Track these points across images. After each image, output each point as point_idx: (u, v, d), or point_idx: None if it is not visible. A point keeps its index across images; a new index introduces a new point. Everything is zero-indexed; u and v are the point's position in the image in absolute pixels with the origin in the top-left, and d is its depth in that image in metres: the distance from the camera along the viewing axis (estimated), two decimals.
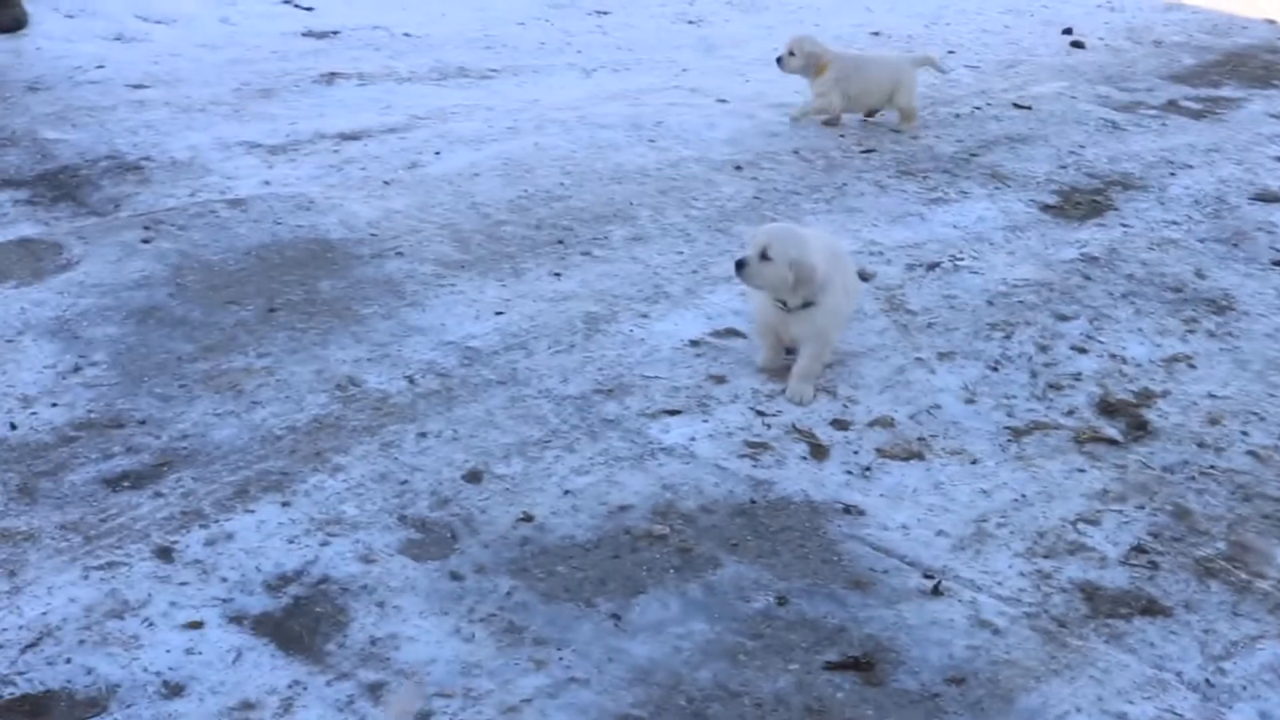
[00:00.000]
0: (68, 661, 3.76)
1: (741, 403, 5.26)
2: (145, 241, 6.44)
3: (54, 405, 5.04)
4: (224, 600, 4.03)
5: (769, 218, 7.06)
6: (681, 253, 6.63)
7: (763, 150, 8.26)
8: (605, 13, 12.03)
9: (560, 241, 6.69)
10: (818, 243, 5.31)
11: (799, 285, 5.15)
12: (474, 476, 4.68)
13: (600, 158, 7.94)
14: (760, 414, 5.20)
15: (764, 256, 5.12)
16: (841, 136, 8.57)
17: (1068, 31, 11.88)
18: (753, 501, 4.65)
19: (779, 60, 8.65)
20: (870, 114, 9.00)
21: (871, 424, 5.18)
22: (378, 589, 4.09)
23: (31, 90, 8.74)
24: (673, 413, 5.17)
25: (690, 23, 11.83)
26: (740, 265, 5.17)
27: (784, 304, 5.26)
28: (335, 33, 10.76)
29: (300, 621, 3.96)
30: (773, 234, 5.21)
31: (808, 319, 5.27)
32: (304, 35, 10.62)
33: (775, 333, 5.41)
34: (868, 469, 4.90)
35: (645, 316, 5.94)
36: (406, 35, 10.80)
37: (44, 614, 3.94)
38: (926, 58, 9.12)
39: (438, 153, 7.86)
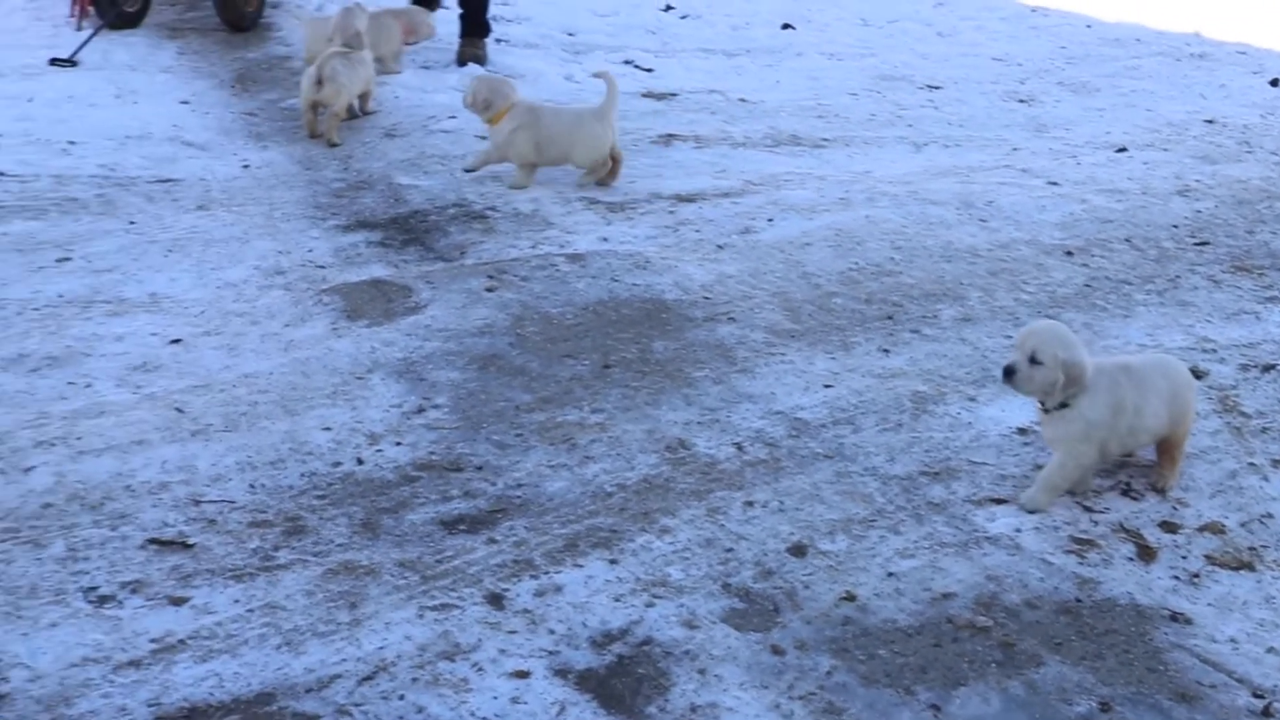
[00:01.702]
0: (401, 698, 3.89)
1: (1068, 496, 5.14)
2: (489, 290, 6.67)
3: (398, 444, 5.26)
4: (550, 652, 4.11)
5: (1099, 306, 6.92)
6: (1010, 337, 6.52)
7: (1094, 236, 8.07)
8: (936, 87, 11.97)
9: (889, 317, 6.67)
10: (1144, 364, 5.15)
11: (1070, 385, 4.92)
12: (798, 550, 4.69)
13: (930, 234, 7.89)
14: (1087, 509, 5.08)
15: (1033, 360, 4.90)
16: (1175, 227, 8.32)
17: None
18: (1078, 600, 4.53)
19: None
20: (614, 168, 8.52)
21: (1201, 529, 5.01)
22: (700, 656, 4.13)
23: (389, 136, 9.17)
24: (999, 501, 5.09)
25: (1021, 101, 11.68)
26: (1010, 372, 4.95)
27: (1043, 404, 5.04)
28: (673, 95, 10.98)
29: (623, 681, 4.02)
30: (1040, 335, 4.95)
31: (1060, 423, 5.02)
32: (643, 96, 10.87)
33: None
34: (1196, 576, 4.73)
35: (973, 400, 5.87)
36: (742, 101, 10.95)
37: (381, 649, 4.09)
38: (610, 96, 8.36)
39: (770, 220, 7.92)
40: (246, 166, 8.71)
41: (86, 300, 6.49)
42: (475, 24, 11.61)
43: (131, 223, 7.57)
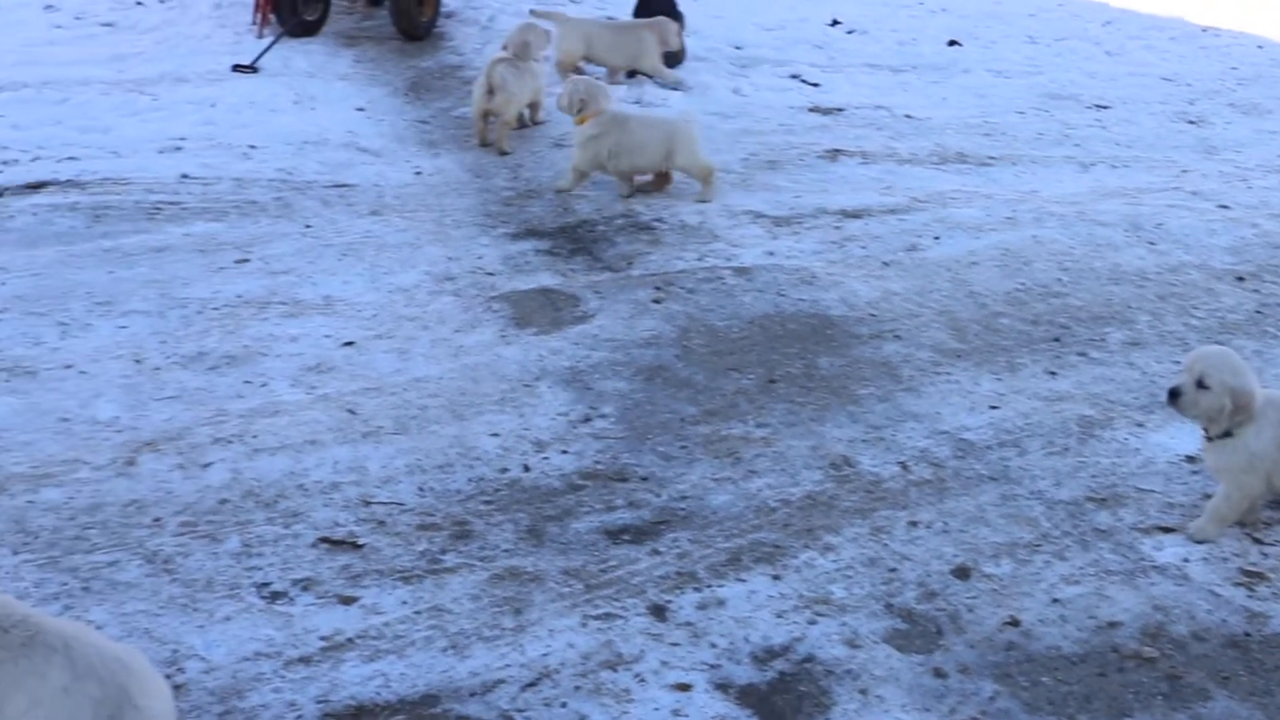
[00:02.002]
0: (563, 705, 3.94)
1: (1238, 527, 5.03)
2: (656, 301, 6.73)
3: (564, 452, 5.32)
4: (712, 666, 4.14)
5: (1271, 334, 6.77)
6: (1179, 363, 6.39)
7: (1266, 262, 7.88)
8: (1105, 107, 11.79)
9: (1056, 339, 6.59)
10: None
11: (1237, 413, 4.82)
12: (962, 573, 4.66)
13: (1098, 256, 7.78)
14: (1257, 541, 4.97)
15: (1200, 384, 4.81)
16: None
17: None
18: (1247, 634, 4.44)
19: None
20: (662, 181, 8.58)
21: None
22: (861, 675, 4.12)
23: (558, 146, 9.28)
24: (1166, 530, 5.01)
25: (1190, 122, 11.45)
26: (1175, 394, 4.87)
27: (1207, 431, 4.94)
28: (840, 110, 10.95)
29: (784, 698, 4.02)
30: (1208, 359, 4.87)
31: (1222, 452, 4.91)
32: (810, 111, 10.85)
33: None
34: None
35: (1141, 426, 5.78)
36: (908, 117, 10.88)
37: (544, 655, 4.15)
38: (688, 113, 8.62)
39: (937, 238, 7.87)
40: (419, 173, 8.87)
41: (264, 301, 6.66)
42: None
43: (308, 226, 7.75)
